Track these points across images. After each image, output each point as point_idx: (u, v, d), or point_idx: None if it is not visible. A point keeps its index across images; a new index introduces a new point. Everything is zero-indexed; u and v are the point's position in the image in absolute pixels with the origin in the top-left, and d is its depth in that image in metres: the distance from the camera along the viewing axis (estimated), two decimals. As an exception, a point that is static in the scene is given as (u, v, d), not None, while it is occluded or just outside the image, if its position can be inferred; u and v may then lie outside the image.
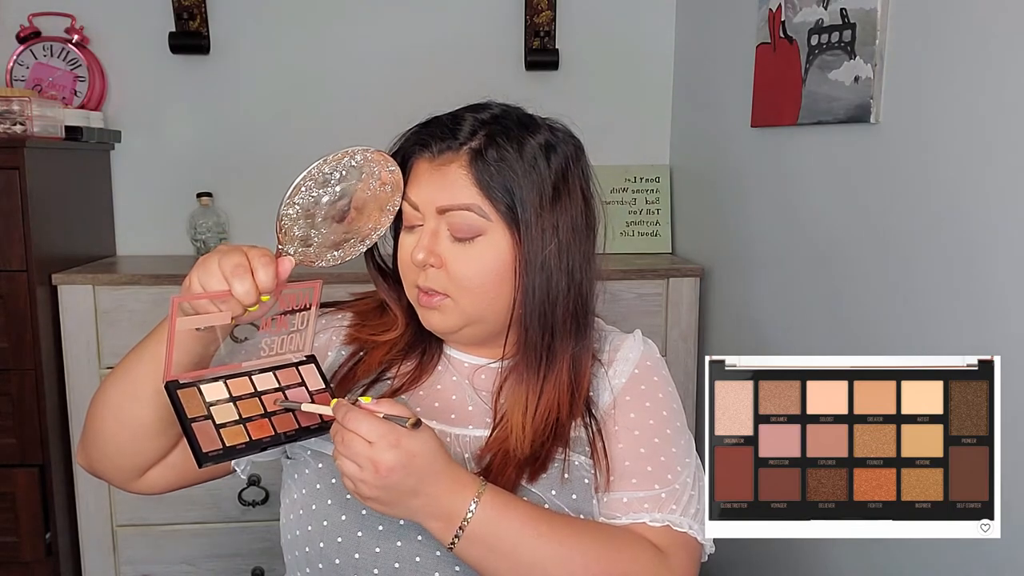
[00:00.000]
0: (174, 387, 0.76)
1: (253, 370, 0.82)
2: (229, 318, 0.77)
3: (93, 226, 2.05)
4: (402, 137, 0.91)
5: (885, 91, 1.23)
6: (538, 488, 0.86)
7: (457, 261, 0.86)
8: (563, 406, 0.89)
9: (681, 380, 1.96)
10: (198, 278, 0.76)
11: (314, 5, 2.11)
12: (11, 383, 1.70)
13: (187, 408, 0.76)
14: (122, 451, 0.87)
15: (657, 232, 2.21)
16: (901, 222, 1.21)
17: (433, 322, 0.90)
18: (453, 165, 0.86)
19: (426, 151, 0.87)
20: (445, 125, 0.88)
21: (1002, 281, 1.01)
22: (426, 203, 0.87)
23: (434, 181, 0.86)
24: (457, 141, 0.86)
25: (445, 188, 0.86)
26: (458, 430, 0.90)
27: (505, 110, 0.91)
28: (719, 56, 1.93)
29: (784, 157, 1.58)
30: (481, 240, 0.86)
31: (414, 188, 0.87)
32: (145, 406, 0.82)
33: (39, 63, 2.02)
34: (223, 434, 0.76)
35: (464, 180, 0.85)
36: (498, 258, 0.86)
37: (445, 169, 0.86)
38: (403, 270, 0.91)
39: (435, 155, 0.87)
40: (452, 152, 0.86)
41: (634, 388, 0.93)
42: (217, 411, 0.77)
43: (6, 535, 1.74)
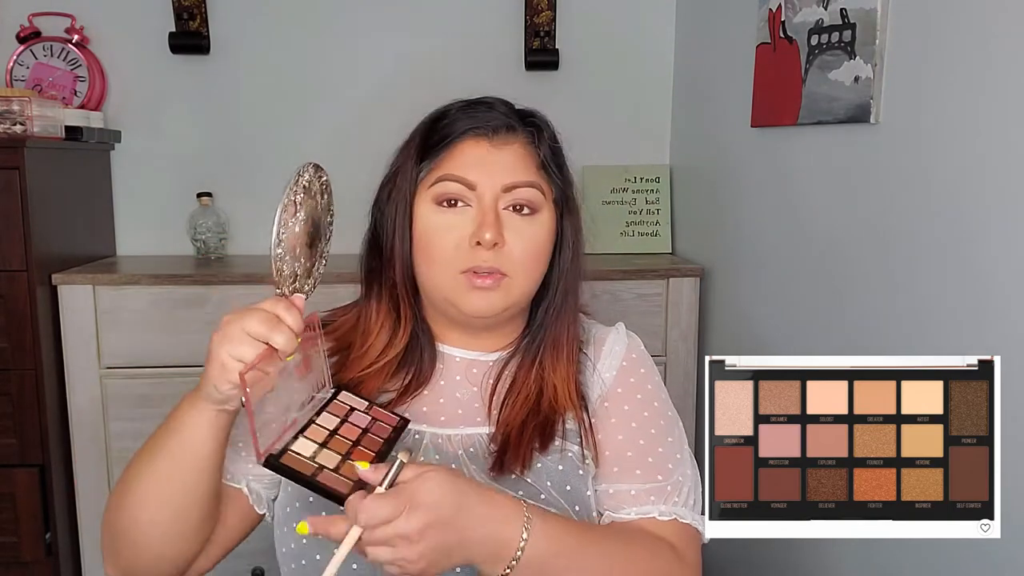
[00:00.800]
0: (273, 460, 0.77)
1: (312, 416, 0.83)
2: (276, 376, 0.77)
3: (93, 226, 2.05)
4: (440, 118, 0.91)
5: (885, 91, 1.23)
6: (534, 479, 0.86)
7: (520, 238, 0.87)
8: (568, 383, 0.91)
9: (681, 380, 1.96)
10: (229, 353, 0.73)
11: (314, 5, 2.11)
12: (11, 383, 1.70)
13: (301, 469, 0.77)
14: (168, 541, 0.82)
15: (657, 232, 2.21)
16: (901, 222, 1.20)
17: (481, 306, 0.86)
18: (515, 145, 0.89)
19: (480, 131, 0.88)
20: (491, 110, 0.90)
21: (1002, 281, 1.01)
22: (488, 182, 0.86)
23: (497, 159, 0.87)
24: (513, 122, 0.90)
25: (512, 166, 0.88)
26: (450, 431, 0.91)
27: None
28: (719, 56, 1.93)
29: (784, 157, 1.58)
30: (538, 218, 0.88)
31: (468, 167, 0.87)
32: (191, 492, 0.80)
33: (39, 63, 2.02)
34: (343, 474, 0.77)
35: (529, 159, 0.89)
36: (548, 237, 0.90)
37: (506, 148, 0.88)
38: (444, 256, 0.86)
39: (492, 135, 0.88)
40: (511, 133, 0.89)
41: (624, 381, 0.94)
42: (323, 459, 0.79)
43: (6, 535, 1.74)
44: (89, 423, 1.82)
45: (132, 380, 1.82)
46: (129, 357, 1.81)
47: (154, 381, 1.82)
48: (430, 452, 0.89)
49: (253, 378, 0.73)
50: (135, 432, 1.83)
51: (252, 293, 1.83)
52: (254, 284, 1.83)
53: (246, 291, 1.83)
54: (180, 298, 1.82)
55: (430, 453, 0.88)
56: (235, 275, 1.86)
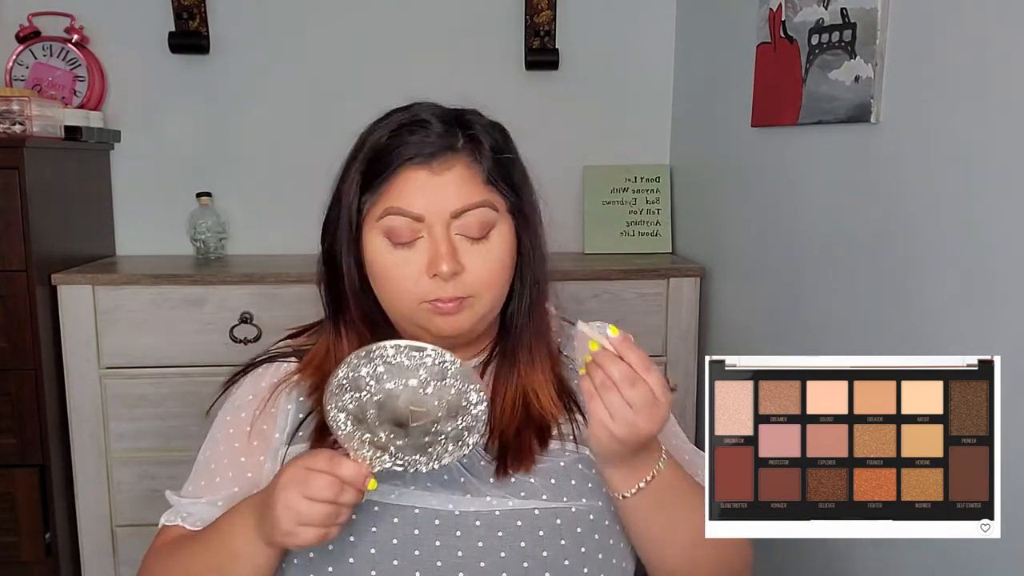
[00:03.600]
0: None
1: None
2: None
3: (92, 226, 2.05)
4: (367, 150, 0.86)
5: (885, 91, 1.23)
6: (538, 476, 0.87)
7: (479, 261, 0.85)
8: (551, 380, 0.92)
9: (681, 380, 1.96)
10: (296, 521, 0.74)
11: (314, 5, 2.11)
12: (11, 383, 1.70)
13: None
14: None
15: (657, 232, 2.21)
16: (901, 222, 1.20)
17: (447, 328, 0.86)
18: (457, 166, 0.84)
19: (419, 160, 0.83)
20: (426, 130, 0.84)
21: (1002, 281, 1.01)
22: (435, 212, 0.83)
23: (440, 187, 0.83)
24: (450, 141, 0.84)
25: (456, 191, 0.84)
26: None
27: (454, 108, 0.90)
28: (719, 56, 1.93)
29: (784, 157, 1.58)
30: (493, 234, 0.86)
31: (411, 199, 0.83)
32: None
33: (39, 63, 2.02)
34: None
35: (474, 178, 0.85)
36: (508, 249, 0.88)
37: (449, 172, 0.84)
38: (402, 288, 0.86)
39: (430, 161, 0.83)
40: (450, 153, 0.84)
41: None
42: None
43: (6, 535, 1.73)
44: (89, 423, 1.81)
45: (132, 380, 1.82)
46: (129, 357, 1.81)
47: (154, 381, 1.82)
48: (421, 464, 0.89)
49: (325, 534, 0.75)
50: (135, 432, 1.83)
51: (252, 293, 1.83)
52: (254, 284, 1.83)
53: (246, 291, 1.83)
54: (180, 298, 1.81)
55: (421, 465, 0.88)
56: (235, 275, 1.86)
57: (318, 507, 0.73)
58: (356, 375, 0.76)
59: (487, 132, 0.88)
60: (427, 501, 0.85)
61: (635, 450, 0.79)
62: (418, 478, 0.86)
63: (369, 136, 0.88)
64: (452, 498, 0.85)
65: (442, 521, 0.84)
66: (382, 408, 0.77)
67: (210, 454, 0.93)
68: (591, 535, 0.87)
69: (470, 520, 0.85)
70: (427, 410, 0.77)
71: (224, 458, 0.92)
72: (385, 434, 0.77)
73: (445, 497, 0.85)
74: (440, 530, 0.84)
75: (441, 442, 0.78)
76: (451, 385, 0.77)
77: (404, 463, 0.78)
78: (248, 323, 1.82)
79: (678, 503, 0.84)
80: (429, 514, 0.85)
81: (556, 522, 0.86)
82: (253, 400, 0.93)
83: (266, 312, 1.82)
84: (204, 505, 0.89)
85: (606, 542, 0.88)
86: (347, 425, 0.77)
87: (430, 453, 0.79)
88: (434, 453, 0.79)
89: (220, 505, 0.88)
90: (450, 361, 0.77)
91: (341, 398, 0.77)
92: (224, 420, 0.95)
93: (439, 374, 0.77)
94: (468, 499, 0.85)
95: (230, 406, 0.95)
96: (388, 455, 0.78)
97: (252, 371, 0.96)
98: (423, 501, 0.85)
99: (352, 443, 0.77)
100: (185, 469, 0.95)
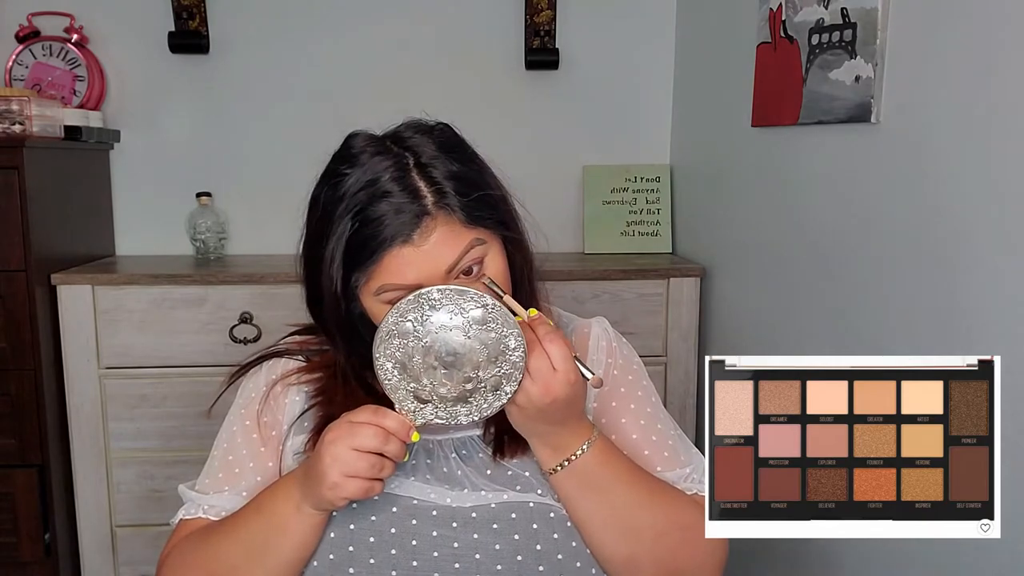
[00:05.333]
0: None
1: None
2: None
3: (92, 226, 2.05)
4: (338, 237, 0.81)
5: (885, 91, 1.23)
6: (533, 470, 0.88)
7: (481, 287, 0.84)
8: None
9: (681, 380, 1.96)
10: (341, 472, 0.77)
11: (314, 5, 2.11)
12: (10, 383, 1.70)
13: None
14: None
15: (657, 232, 2.21)
16: (901, 222, 1.20)
17: None
18: (437, 230, 0.80)
19: (399, 241, 0.79)
20: (390, 203, 0.79)
21: (1002, 281, 1.01)
22: (430, 277, 0.80)
23: (428, 255, 0.80)
24: (419, 206, 0.80)
25: (444, 252, 0.80)
26: (440, 436, 0.91)
27: (389, 131, 0.87)
28: (719, 56, 1.93)
29: (784, 157, 1.58)
30: (487, 261, 0.84)
31: (404, 274, 0.80)
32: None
33: (38, 63, 2.02)
34: None
35: (455, 229, 0.81)
36: (503, 265, 0.86)
37: (432, 238, 0.80)
38: None
39: (412, 237, 0.79)
40: (427, 219, 0.80)
41: (622, 379, 0.96)
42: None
43: (5, 535, 1.73)
44: (88, 423, 1.81)
45: (131, 380, 1.82)
46: (128, 357, 1.80)
47: (153, 381, 1.82)
48: (421, 455, 0.89)
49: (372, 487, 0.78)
50: (134, 432, 1.83)
51: (252, 293, 1.83)
52: (253, 284, 1.83)
53: (246, 291, 1.83)
54: (179, 298, 1.81)
55: (421, 457, 0.89)
56: (234, 275, 1.86)
57: (364, 457, 0.76)
58: (403, 320, 0.79)
59: (440, 160, 0.83)
60: (425, 493, 0.87)
61: (551, 423, 0.82)
62: (417, 469, 0.87)
63: (332, 214, 0.82)
64: (450, 492, 0.87)
65: (439, 512, 0.86)
66: (427, 353, 0.79)
67: (228, 446, 0.95)
68: None
69: (466, 512, 0.86)
70: (469, 354, 0.79)
71: (243, 448, 0.93)
72: (429, 381, 0.80)
73: (443, 490, 0.87)
74: (437, 521, 0.85)
75: (481, 390, 0.80)
76: (492, 329, 0.79)
77: (447, 415, 0.80)
78: (248, 323, 1.82)
79: (610, 488, 0.85)
80: (427, 506, 0.86)
81: (550, 516, 0.87)
82: (266, 391, 0.95)
83: (266, 312, 1.82)
84: (228, 496, 0.91)
85: None
86: (394, 375, 0.80)
87: (471, 403, 0.80)
88: (474, 403, 0.80)
89: (244, 495, 0.90)
90: (491, 305, 0.79)
91: (389, 345, 0.79)
92: (239, 412, 0.96)
93: (480, 319, 0.79)
94: (465, 493, 0.87)
95: (243, 399, 0.97)
96: (431, 407, 0.80)
97: (263, 364, 0.98)
98: (421, 493, 0.87)
99: (398, 394, 0.80)
100: (185, 468, 0.96)
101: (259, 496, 0.87)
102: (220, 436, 0.96)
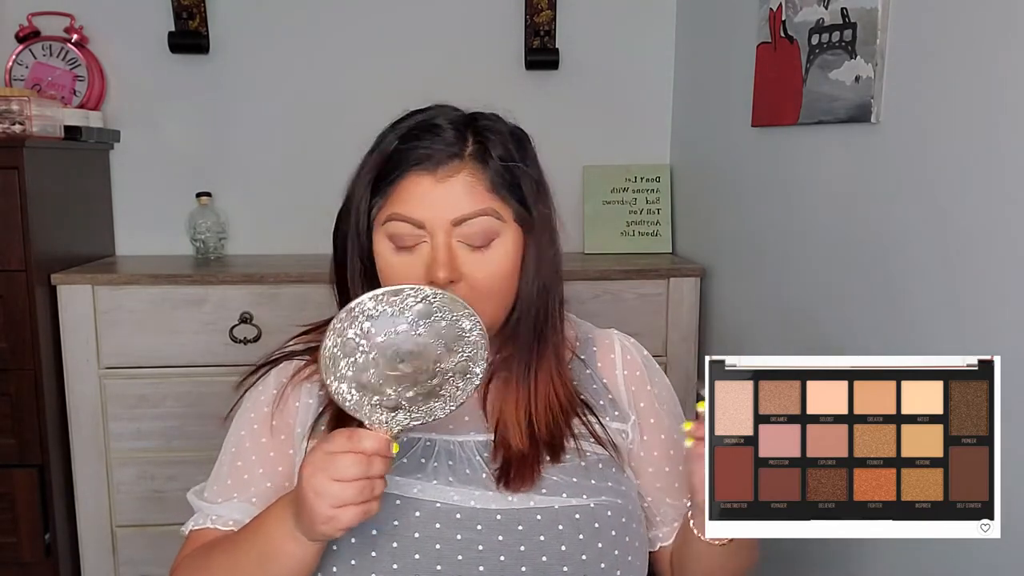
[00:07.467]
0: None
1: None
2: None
3: (92, 226, 2.05)
4: (378, 153, 0.87)
5: (885, 91, 1.23)
6: (559, 474, 0.87)
7: (477, 270, 0.85)
8: (558, 390, 0.91)
9: (681, 380, 1.96)
10: (331, 506, 0.73)
11: (313, 5, 2.11)
12: (10, 383, 1.70)
13: None
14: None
15: (657, 232, 2.21)
16: (901, 222, 1.20)
17: None
18: (462, 174, 0.84)
19: (424, 167, 0.84)
20: (436, 136, 0.85)
21: (1002, 281, 1.01)
22: (436, 219, 0.83)
23: (443, 194, 0.83)
24: (458, 148, 0.85)
25: (458, 199, 0.84)
26: (461, 437, 0.91)
27: (471, 111, 0.91)
28: (719, 56, 1.93)
29: (784, 157, 1.58)
30: (496, 243, 0.86)
31: (414, 205, 0.84)
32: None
33: (38, 63, 2.02)
34: None
35: (478, 186, 0.84)
36: (512, 259, 0.87)
37: (453, 180, 0.84)
38: None
39: (435, 168, 0.84)
40: (457, 161, 0.84)
41: (643, 393, 0.98)
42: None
43: (5, 535, 1.73)
44: (88, 423, 1.81)
45: (131, 380, 1.82)
46: (128, 357, 1.80)
47: (153, 381, 1.82)
48: (443, 457, 0.89)
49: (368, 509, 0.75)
50: (134, 432, 1.83)
51: (252, 293, 1.83)
52: (253, 284, 1.83)
53: (246, 291, 1.83)
54: (179, 298, 1.81)
55: (443, 459, 0.88)
56: (234, 275, 1.86)
57: (350, 486, 0.73)
58: (344, 340, 0.74)
59: (500, 140, 0.87)
60: (448, 496, 0.86)
61: None
62: (439, 472, 0.86)
63: (385, 137, 0.89)
64: (474, 494, 0.86)
65: (463, 516, 0.85)
66: (380, 365, 0.75)
67: (236, 451, 0.93)
68: (608, 531, 0.87)
69: (491, 515, 0.85)
70: (425, 351, 0.76)
71: (252, 454, 0.92)
72: (393, 390, 0.76)
73: (467, 492, 0.86)
74: (461, 525, 0.84)
75: (450, 380, 0.77)
76: (440, 318, 0.76)
77: (422, 415, 0.77)
78: (248, 323, 1.82)
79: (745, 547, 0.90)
80: (451, 509, 0.85)
81: (575, 517, 0.86)
82: (276, 395, 0.94)
83: (266, 312, 1.82)
84: (237, 504, 0.90)
85: (623, 539, 0.88)
86: (352, 395, 0.75)
87: (443, 396, 0.78)
88: (447, 395, 0.78)
89: (255, 502, 0.89)
90: (431, 295, 0.75)
91: (337, 368, 0.75)
92: (247, 417, 0.95)
93: (425, 312, 0.75)
94: (490, 495, 0.86)
95: (252, 403, 0.96)
96: (403, 413, 0.76)
97: (272, 367, 0.97)
98: (444, 496, 0.86)
99: (363, 411, 0.76)
100: (185, 469, 0.95)
101: (256, 520, 0.84)
102: (227, 441, 0.95)
